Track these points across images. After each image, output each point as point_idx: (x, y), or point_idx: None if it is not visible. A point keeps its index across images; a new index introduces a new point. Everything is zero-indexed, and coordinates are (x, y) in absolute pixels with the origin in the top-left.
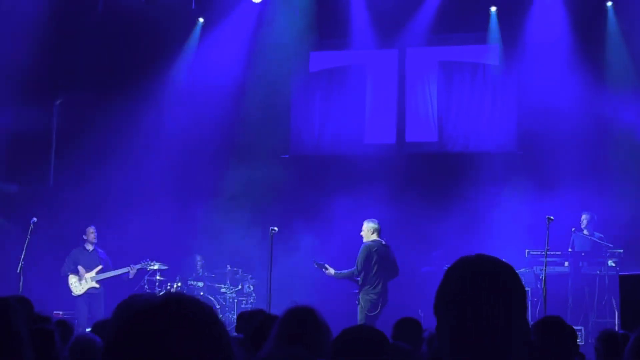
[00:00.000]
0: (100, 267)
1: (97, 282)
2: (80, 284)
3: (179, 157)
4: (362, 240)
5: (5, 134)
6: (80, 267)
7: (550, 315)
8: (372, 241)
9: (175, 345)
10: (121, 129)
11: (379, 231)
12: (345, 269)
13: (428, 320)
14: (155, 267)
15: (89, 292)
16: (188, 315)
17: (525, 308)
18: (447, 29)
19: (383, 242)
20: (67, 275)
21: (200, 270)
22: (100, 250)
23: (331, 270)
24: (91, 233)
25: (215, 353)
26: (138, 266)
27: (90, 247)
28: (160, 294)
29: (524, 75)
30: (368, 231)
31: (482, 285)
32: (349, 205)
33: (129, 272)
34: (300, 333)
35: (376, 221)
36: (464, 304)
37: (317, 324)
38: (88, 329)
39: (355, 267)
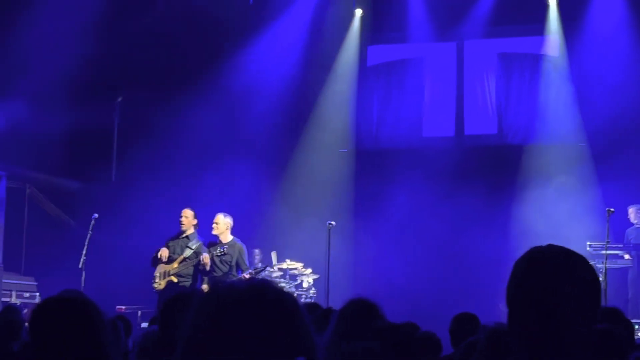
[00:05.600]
0: (181, 257)
1: (179, 276)
2: (160, 277)
3: (237, 152)
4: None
5: (67, 131)
6: (164, 250)
7: (607, 306)
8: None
9: (256, 330)
10: (181, 125)
11: None
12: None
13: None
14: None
15: (170, 288)
16: (270, 302)
17: (596, 298)
18: (506, 21)
19: None
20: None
21: (259, 264)
22: (199, 237)
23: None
24: (182, 217)
25: (295, 340)
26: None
27: (181, 236)
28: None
29: (585, 66)
30: (226, 227)
31: (551, 274)
32: (408, 199)
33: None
34: (359, 326)
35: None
36: (534, 294)
37: (376, 317)
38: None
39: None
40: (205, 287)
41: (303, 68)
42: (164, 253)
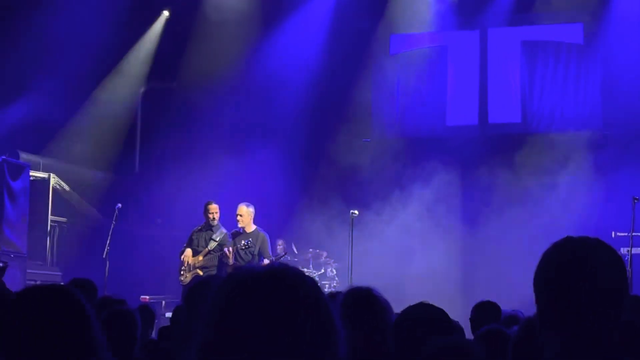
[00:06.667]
0: (206, 250)
1: (204, 268)
2: (186, 270)
3: (260, 142)
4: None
5: (90, 122)
6: (188, 250)
7: (632, 295)
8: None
9: (275, 316)
10: (204, 115)
11: None
12: None
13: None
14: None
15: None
16: (289, 287)
17: (623, 290)
18: (529, 8)
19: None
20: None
21: (282, 254)
22: (222, 230)
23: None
24: (210, 212)
25: (316, 326)
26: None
27: (206, 228)
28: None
29: (609, 54)
30: (250, 217)
31: (576, 265)
32: (431, 187)
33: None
34: (359, 314)
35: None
36: (561, 285)
37: (375, 304)
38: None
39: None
40: None
41: (325, 56)
42: (187, 254)
